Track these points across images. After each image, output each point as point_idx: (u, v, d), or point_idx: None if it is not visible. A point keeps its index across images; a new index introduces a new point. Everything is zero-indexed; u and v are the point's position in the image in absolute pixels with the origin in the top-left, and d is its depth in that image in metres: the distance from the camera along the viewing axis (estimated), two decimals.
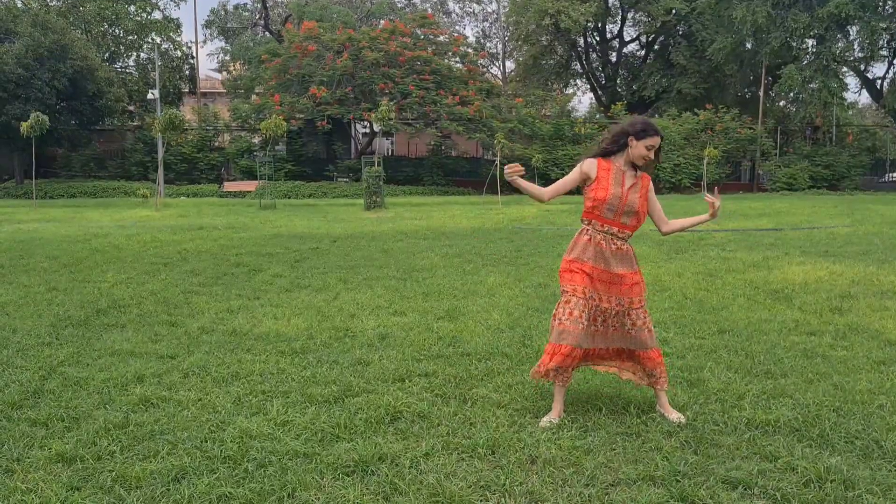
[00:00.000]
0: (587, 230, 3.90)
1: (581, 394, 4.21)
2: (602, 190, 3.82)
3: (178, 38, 42.50)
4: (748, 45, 35.20)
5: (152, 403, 4.07)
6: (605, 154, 3.92)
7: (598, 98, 45.71)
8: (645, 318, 3.87)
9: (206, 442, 3.51)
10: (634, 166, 3.90)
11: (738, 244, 11.36)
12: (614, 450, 3.42)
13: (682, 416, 3.78)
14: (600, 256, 3.82)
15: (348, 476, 3.17)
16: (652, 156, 3.86)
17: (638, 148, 3.83)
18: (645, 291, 3.92)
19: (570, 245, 3.94)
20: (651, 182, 3.96)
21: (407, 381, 4.45)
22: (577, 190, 4.08)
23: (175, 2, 46.03)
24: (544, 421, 3.76)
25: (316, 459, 3.32)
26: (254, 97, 37.95)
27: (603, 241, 3.84)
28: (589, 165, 3.91)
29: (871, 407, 3.94)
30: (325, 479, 3.13)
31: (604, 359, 4.00)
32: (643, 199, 3.87)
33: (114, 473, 3.17)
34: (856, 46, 34.00)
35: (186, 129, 34.34)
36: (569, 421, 3.76)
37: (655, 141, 3.85)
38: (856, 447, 3.42)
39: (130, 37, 40.46)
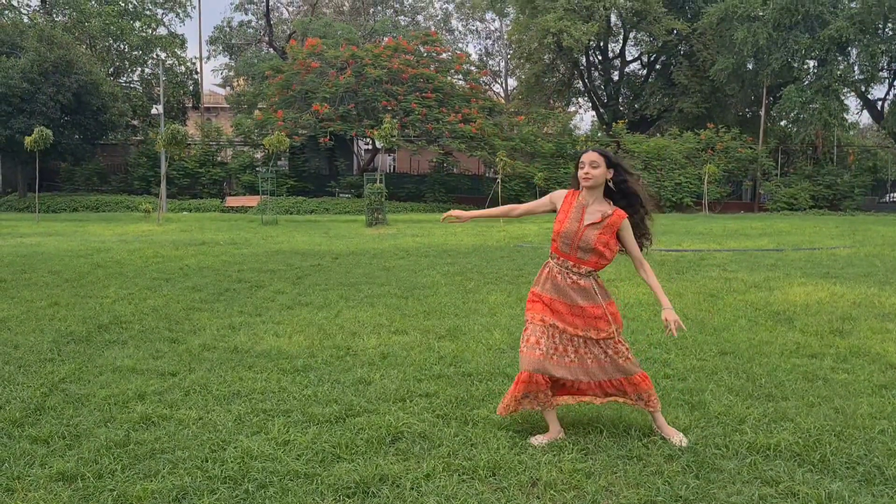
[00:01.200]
0: (549, 262, 3.95)
1: (582, 416, 4.21)
2: (559, 223, 3.85)
3: (183, 54, 42.77)
4: (749, 66, 35.39)
5: (153, 421, 4.07)
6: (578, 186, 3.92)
7: (599, 116, 45.87)
8: (621, 348, 3.85)
9: (207, 461, 3.51)
10: (610, 204, 3.87)
11: (739, 264, 11.37)
12: (615, 473, 3.42)
13: (684, 438, 3.78)
14: (557, 289, 3.85)
15: (349, 497, 3.16)
16: (587, 170, 3.79)
17: (578, 172, 3.86)
18: (616, 324, 3.84)
19: (537, 276, 3.99)
20: (625, 221, 3.83)
21: (408, 401, 4.45)
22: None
23: (180, 18, 46.26)
24: (538, 439, 3.76)
25: (317, 480, 3.32)
26: (256, 113, 38.12)
27: (559, 274, 3.86)
28: (557, 196, 3.96)
29: (873, 432, 3.93)
30: (325, 501, 3.13)
31: (585, 393, 3.93)
32: (605, 236, 3.78)
33: (115, 493, 3.17)
34: (856, 68, 34.18)
35: (189, 144, 34.50)
36: (570, 443, 3.75)
37: (583, 157, 3.83)
38: (857, 473, 3.42)
39: (135, 52, 40.73)
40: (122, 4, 41.00)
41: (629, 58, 46.40)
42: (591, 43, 40.51)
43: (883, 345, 5.94)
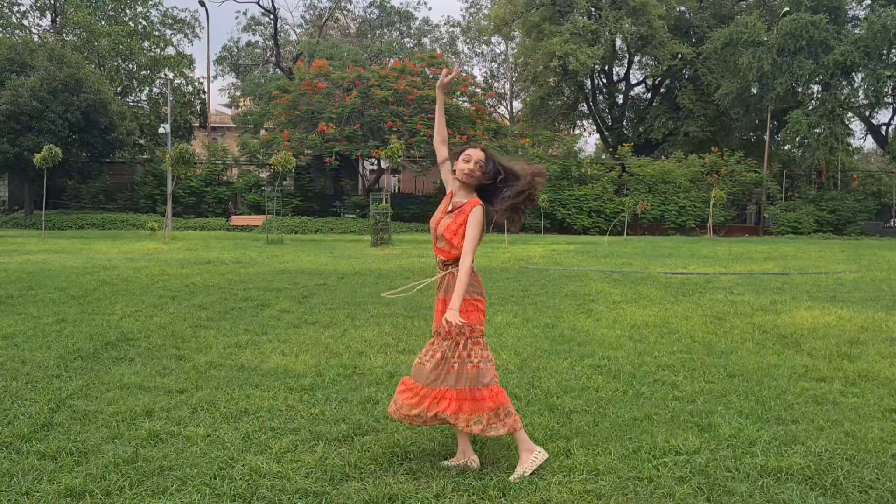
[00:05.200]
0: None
1: (590, 437, 4.18)
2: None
3: (191, 74, 43.10)
4: (754, 91, 35.56)
5: (161, 438, 4.06)
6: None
7: (604, 139, 46.03)
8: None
9: (216, 479, 3.50)
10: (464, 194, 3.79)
11: (745, 287, 11.35)
12: (626, 495, 3.39)
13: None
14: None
15: None
16: (471, 167, 3.70)
17: (458, 163, 3.74)
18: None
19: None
20: (474, 211, 3.68)
21: None
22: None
23: (188, 38, 46.79)
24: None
25: (326, 499, 3.30)
26: (263, 132, 38.29)
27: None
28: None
29: (885, 456, 3.90)
30: None
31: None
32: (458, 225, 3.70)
33: None
34: (861, 93, 34.32)
35: (196, 163, 34.61)
36: (580, 464, 3.73)
37: (469, 153, 3.72)
38: (871, 497, 3.39)
39: (143, 72, 41.05)
40: (132, 25, 41.41)
41: (634, 81, 46.69)
42: (597, 66, 40.75)
43: (892, 369, 5.92)
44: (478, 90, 38.88)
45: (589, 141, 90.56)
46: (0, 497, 3.28)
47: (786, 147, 38.44)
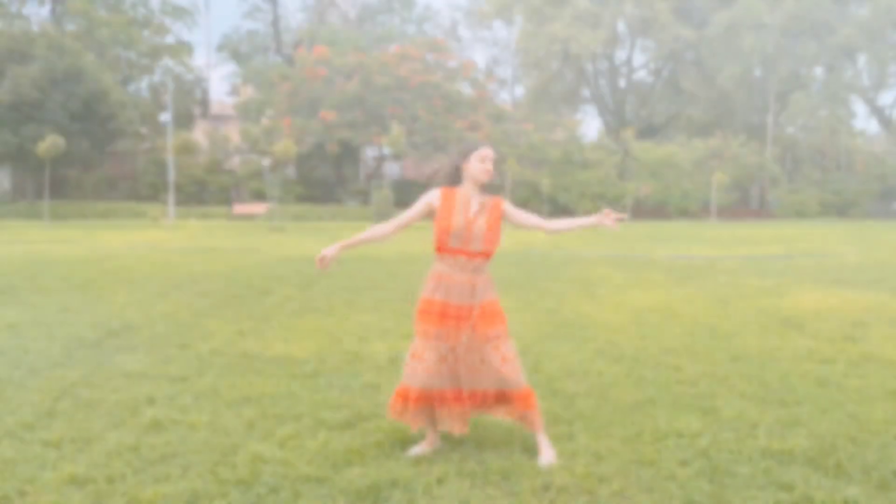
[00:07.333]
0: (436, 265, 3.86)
1: (592, 421, 4.18)
2: (444, 220, 3.79)
3: (191, 62, 42.97)
4: (757, 73, 35.38)
5: (164, 426, 4.06)
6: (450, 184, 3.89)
7: (607, 124, 45.86)
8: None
9: (218, 465, 3.50)
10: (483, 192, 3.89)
11: (748, 270, 11.32)
12: (628, 478, 3.39)
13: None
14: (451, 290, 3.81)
15: (361, 501, 3.15)
16: (490, 167, 3.85)
17: (472, 164, 3.83)
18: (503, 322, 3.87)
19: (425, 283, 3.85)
20: (504, 204, 3.90)
21: None
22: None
23: (188, 26, 46.64)
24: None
25: (328, 484, 3.31)
26: (264, 120, 38.23)
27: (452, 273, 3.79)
28: (432, 195, 3.92)
29: (888, 437, 3.89)
30: None
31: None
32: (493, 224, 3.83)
33: (126, 497, 3.16)
34: (864, 75, 34.13)
35: (197, 152, 34.60)
36: (582, 448, 3.73)
37: (486, 152, 3.87)
38: (873, 478, 3.38)
39: (144, 60, 40.94)
40: (131, 13, 41.25)
41: (636, 65, 46.46)
42: (598, 50, 40.53)
43: (895, 351, 5.90)
44: (479, 76, 38.73)
45: (591, 125, 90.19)
46: (4, 484, 3.29)
47: (789, 130, 38.26)
